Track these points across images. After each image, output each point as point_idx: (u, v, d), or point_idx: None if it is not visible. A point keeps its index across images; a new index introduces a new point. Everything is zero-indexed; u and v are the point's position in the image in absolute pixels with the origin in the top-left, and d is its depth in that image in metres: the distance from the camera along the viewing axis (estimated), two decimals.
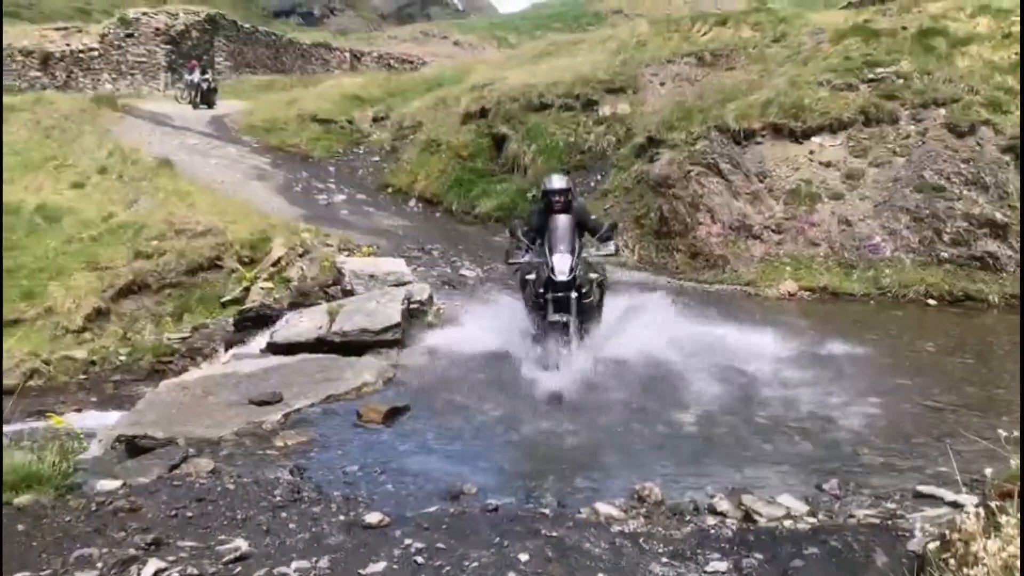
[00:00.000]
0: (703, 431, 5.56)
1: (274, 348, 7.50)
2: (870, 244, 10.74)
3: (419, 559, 3.53)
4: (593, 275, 6.86)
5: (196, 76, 22.96)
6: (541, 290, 6.54)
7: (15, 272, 10.31)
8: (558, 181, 7.09)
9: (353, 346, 7.30)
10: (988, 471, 2.83)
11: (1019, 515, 2.12)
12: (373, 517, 3.88)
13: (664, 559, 3.70)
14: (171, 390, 6.47)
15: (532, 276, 6.69)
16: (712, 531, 4.06)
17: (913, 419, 5.96)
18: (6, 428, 5.92)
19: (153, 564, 3.41)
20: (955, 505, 4.29)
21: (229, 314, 9.93)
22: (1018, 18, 12.13)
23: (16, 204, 11.84)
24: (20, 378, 8.85)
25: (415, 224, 13.62)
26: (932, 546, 2.24)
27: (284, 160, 17.14)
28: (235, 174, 15.46)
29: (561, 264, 6.47)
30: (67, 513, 3.88)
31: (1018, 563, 1.87)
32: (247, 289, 10.37)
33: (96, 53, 28.07)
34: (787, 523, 4.15)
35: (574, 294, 6.50)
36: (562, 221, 6.69)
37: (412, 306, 8.17)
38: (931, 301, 9.92)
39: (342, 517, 4.03)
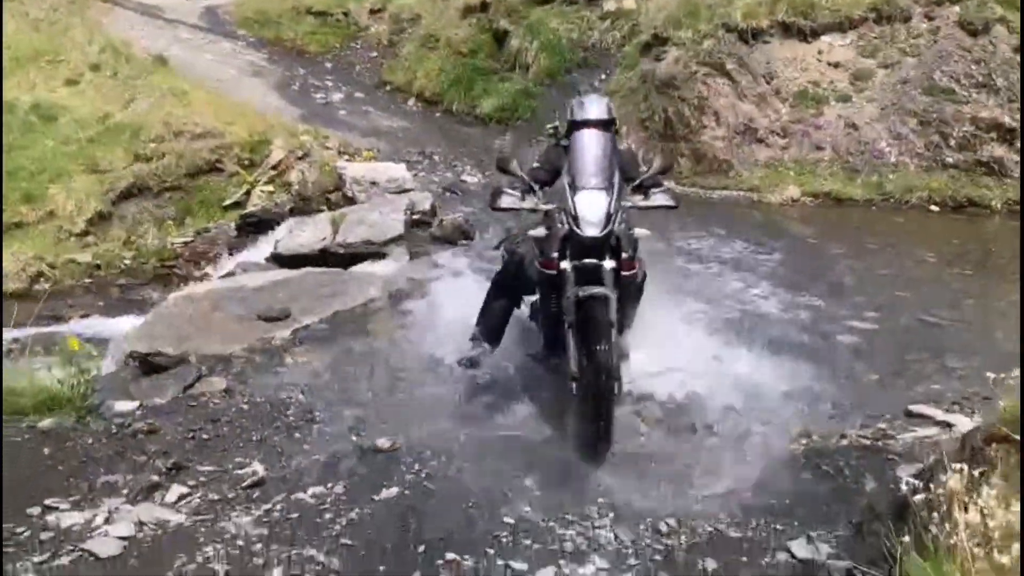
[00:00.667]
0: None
1: (279, 260, 7.55)
2: (875, 149, 10.63)
3: (429, 484, 3.68)
4: (640, 231, 4.28)
5: None
6: (555, 255, 4.03)
7: (14, 174, 10.21)
8: (595, 107, 4.41)
9: (357, 258, 7.36)
10: (977, 420, 2.93)
11: (1020, 474, 2.19)
12: (384, 441, 4.01)
13: (663, 484, 3.86)
14: (179, 303, 6.53)
15: (539, 232, 4.20)
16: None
17: (909, 335, 6.04)
18: (17, 332, 6.05)
19: (176, 489, 3.56)
20: (945, 425, 4.45)
21: (231, 218, 9.92)
22: None
23: (11, 102, 11.62)
24: (26, 281, 8.94)
25: (415, 125, 13.39)
26: (918, 499, 2.34)
27: (280, 56, 16.69)
28: (230, 71, 15.09)
29: (592, 208, 3.92)
30: (88, 436, 4.01)
31: (996, 535, 1.95)
32: (248, 193, 10.32)
33: None
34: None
35: (610, 263, 3.97)
36: (594, 140, 4.18)
37: (415, 216, 8.17)
38: (934, 207, 9.89)
39: (354, 438, 4.16)
